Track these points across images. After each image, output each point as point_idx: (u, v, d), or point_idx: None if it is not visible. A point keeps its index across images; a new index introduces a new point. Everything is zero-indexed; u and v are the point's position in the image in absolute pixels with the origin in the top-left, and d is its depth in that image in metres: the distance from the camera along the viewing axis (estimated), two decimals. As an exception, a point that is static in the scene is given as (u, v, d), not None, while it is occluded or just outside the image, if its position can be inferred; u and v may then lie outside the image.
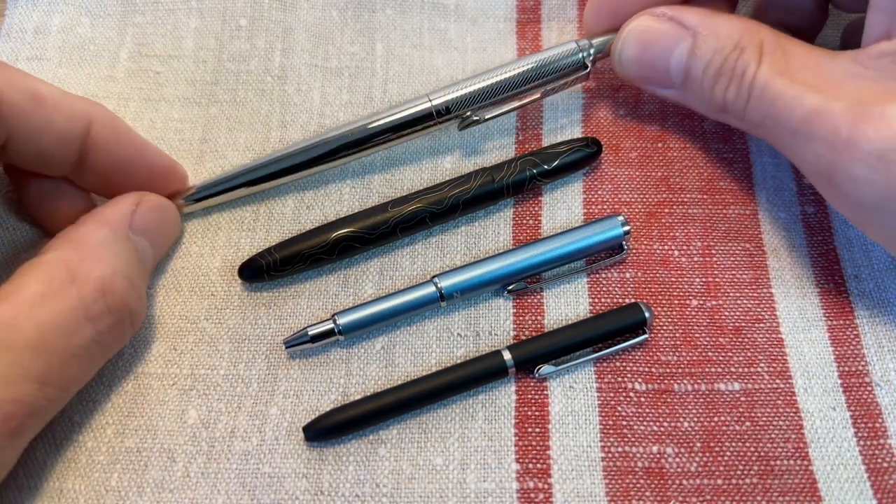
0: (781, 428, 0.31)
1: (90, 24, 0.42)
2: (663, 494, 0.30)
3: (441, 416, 0.32)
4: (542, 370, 0.32)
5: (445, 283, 0.33)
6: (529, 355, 0.32)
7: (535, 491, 0.30)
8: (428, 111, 0.37)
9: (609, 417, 0.32)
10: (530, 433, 0.31)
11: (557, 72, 0.38)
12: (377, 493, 0.30)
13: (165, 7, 0.42)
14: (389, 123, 0.36)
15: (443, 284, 0.33)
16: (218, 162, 0.38)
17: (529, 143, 0.39)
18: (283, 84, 0.40)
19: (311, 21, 0.42)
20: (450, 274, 0.34)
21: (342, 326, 0.33)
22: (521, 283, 0.34)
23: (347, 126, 0.37)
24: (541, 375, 0.32)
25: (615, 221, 0.35)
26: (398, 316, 0.33)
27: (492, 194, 0.36)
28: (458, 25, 0.42)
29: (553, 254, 0.34)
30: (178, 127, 0.39)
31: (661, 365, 0.33)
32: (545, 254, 0.34)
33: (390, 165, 0.38)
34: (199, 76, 0.40)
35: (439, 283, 0.33)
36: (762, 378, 0.32)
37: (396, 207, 0.35)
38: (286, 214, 0.37)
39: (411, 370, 0.33)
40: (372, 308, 0.33)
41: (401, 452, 0.31)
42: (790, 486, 0.30)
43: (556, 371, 0.32)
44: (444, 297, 0.33)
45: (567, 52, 0.37)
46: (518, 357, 0.32)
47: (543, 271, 0.35)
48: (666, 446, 0.31)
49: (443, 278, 0.34)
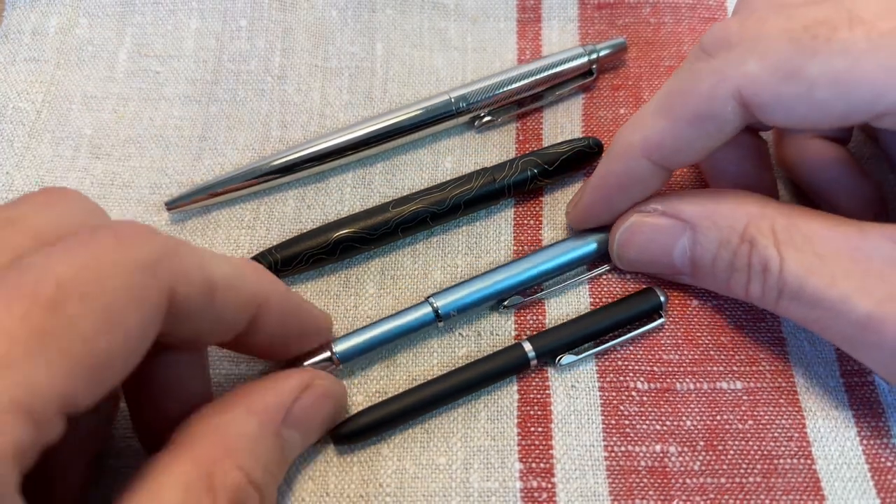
0: (784, 426, 0.31)
1: (88, 25, 0.41)
2: (667, 493, 0.30)
3: (444, 416, 0.32)
4: (564, 360, 0.32)
5: (441, 303, 0.33)
6: (550, 346, 0.32)
7: (538, 490, 0.30)
8: (446, 106, 0.38)
9: (611, 416, 0.32)
10: (533, 433, 0.31)
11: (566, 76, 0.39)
12: (381, 493, 0.30)
13: (166, 8, 0.42)
14: (411, 119, 0.38)
15: (439, 304, 0.33)
16: (217, 160, 0.38)
17: (530, 143, 0.39)
18: (283, 84, 0.40)
19: (311, 21, 0.42)
20: (445, 293, 0.33)
21: (339, 354, 0.32)
22: (518, 298, 0.34)
23: (365, 122, 0.38)
24: (562, 365, 0.32)
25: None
26: (396, 338, 0.33)
27: (493, 194, 0.36)
28: (458, 25, 0.42)
29: (551, 264, 0.34)
30: (178, 124, 0.39)
31: (664, 364, 0.33)
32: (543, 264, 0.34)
33: (391, 165, 0.38)
34: (200, 76, 0.40)
35: (435, 304, 0.33)
36: (764, 377, 0.32)
37: (398, 207, 0.35)
38: (287, 213, 0.37)
39: (413, 370, 0.33)
40: (368, 333, 0.32)
41: (404, 452, 0.31)
42: (793, 484, 0.30)
43: (577, 360, 0.32)
44: (441, 318, 0.33)
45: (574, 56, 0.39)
46: (539, 348, 0.32)
47: (542, 282, 0.34)
48: (669, 445, 0.31)
49: (438, 298, 0.33)
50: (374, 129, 0.37)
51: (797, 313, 0.29)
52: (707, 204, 0.31)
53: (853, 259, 0.27)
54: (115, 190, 0.37)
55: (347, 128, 0.38)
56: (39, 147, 0.38)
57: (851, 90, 0.26)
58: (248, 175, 0.36)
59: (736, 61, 0.28)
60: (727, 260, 0.30)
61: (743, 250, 0.29)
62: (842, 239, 0.28)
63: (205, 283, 0.24)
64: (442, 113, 0.38)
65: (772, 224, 0.29)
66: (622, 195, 0.33)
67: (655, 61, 0.41)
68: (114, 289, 0.21)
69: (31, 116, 0.39)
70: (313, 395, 0.28)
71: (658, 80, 0.41)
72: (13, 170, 0.37)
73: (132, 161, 0.38)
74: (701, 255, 0.31)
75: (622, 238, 0.33)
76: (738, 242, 0.29)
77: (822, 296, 0.27)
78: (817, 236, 0.28)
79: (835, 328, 0.28)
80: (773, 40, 0.27)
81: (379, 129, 0.37)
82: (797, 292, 0.28)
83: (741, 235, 0.29)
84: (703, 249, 0.31)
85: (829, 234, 0.28)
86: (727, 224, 0.30)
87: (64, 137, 0.39)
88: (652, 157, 0.31)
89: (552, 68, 0.39)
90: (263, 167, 0.36)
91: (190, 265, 0.24)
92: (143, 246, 0.22)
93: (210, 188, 0.36)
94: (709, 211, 0.31)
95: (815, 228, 0.28)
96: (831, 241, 0.28)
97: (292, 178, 0.37)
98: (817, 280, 0.27)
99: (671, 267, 0.32)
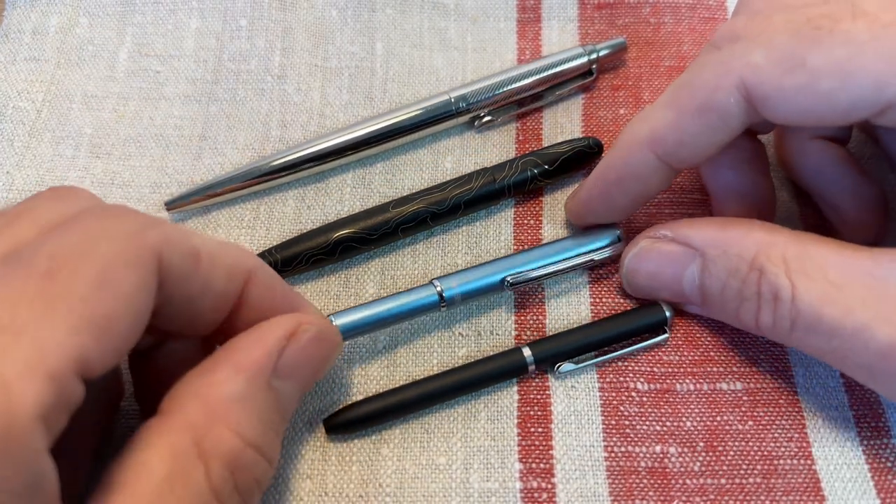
0: (784, 427, 0.31)
1: (89, 25, 0.41)
2: (667, 494, 0.30)
3: (444, 416, 0.32)
4: (563, 368, 0.32)
5: (446, 286, 0.33)
6: (550, 353, 0.32)
7: (538, 491, 0.30)
8: (446, 106, 0.38)
9: (612, 417, 0.32)
10: (533, 433, 0.31)
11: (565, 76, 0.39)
12: (380, 493, 0.30)
13: (166, 7, 0.42)
14: (411, 119, 0.38)
15: (443, 287, 0.33)
16: (217, 160, 0.38)
17: (530, 143, 0.39)
18: (283, 83, 0.40)
19: (311, 21, 0.42)
20: (451, 276, 0.33)
21: (340, 328, 0.31)
22: (522, 275, 0.33)
23: (365, 122, 0.38)
24: (560, 374, 0.32)
25: (614, 233, 0.35)
26: (397, 319, 0.32)
27: (493, 194, 0.36)
28: (458, 25, 0.42)
29: (557, 257, 0.34)
30: (178, 123, 0.39)
31: (663, 364, 0.33)
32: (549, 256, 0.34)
33: (391, 166, 0.38)
34: (200, 75, 0.40)
35: (439, 286, 0.33)
36: (764, 377, 0.32)
37: (398, 208, 0.35)
38: (287, 213, 0.37)
39: (413, 370, 0.33)
40: (370, 310, 0.32)
41: (404, 452, 0.31)
42: (793, 485, 0.30)
43: (576, 370, 0.32)
44: (445, 301, 0.33)
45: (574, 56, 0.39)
46: (538, 355, 0.32)
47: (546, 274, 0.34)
48: (669, 446, 0.31)
49: (443, 280, 0.33)
50: (373, 129, 0.37)
51: (812, 344, 0.28)
52: (716, 231, 0.31)
53: (868, 286, 0.26)
54: (116, 189, 0.37)
55: (347, 128, 0.38)
56: (40, 146, 0.38)
57: (854, 80, 0.26)
58: (248, 175, 0.36)
59: (741, 52, 0.28)
60: (736, 288, 0.29)
61: (752, 278, 0.29)
62: (854, 266, 0.27)
63: (190, 250, 0.25)
64: (442, 113, 0.38)
65: (782, 252, 0.28)
66: (623, 189, 0.32)
67: (655, 61, 0.41)
68: (104, 253, 0.22)
69: (32, 116, 0.39)
70: (302, 341, 0.27)
71: (658, 80, 0.41)
72: (13, 169, 0.37)
73: (132, 160, 0.38)
74: (710, 284, 0.30)
75: (631, 265, 0.33)
76: (748, 270, 0.29)
77: (838, 325, 0.26)
78: (829, 264, 0.27)
79: (853, 359, 0.27)
80: (778, 33, 0.27)
81: (379, 129, 0.37)
82: (812, 323, 0.27)
83: (750, 263, 0.29)
84: (712, 278, 0.30)
85: (841, 262, 0.27)
86: (736, 252, 0.29)
87: (64, 137, 0.39)
88: (657, 151, 0.30)
89: (552, 68, 0.39)
90: (263, 167, 0.36)
91: (174, 234, 0.24)
92: (130, 218, 0.24)
93: (210, 188, 0.36)
94: (718, 238, 0.30)
95: (826, 255, 0.28)
96: (844, 268, 0.27)
97: (292, 178, 0.37)
98: (832, 309, 0.27)
99: (681, 295, 0.32)
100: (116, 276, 0.22)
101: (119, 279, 0.22)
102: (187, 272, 0.24)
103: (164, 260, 0.23)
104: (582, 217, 0.35)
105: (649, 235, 0.32)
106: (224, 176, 0.36)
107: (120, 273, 0.22)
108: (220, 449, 0.24)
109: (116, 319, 0.22)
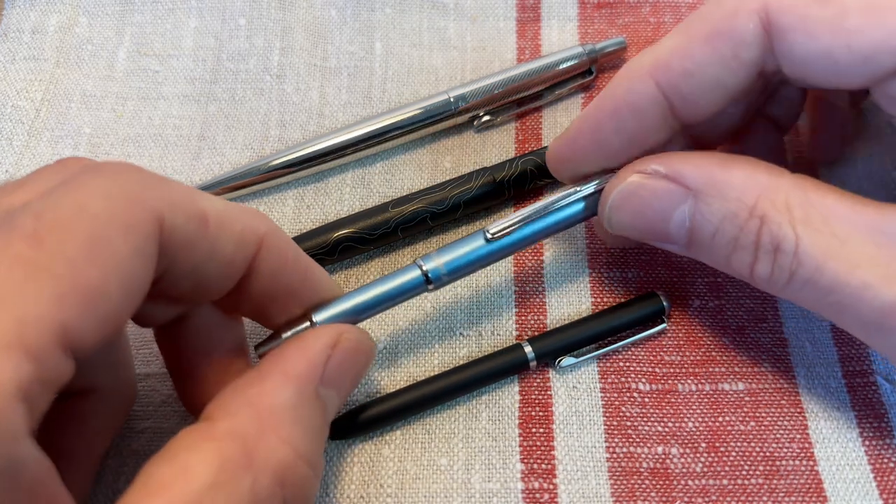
0: (786, 428, 0.31)
1: (88, 24, 0.41)
2: (668, 495, 0.30)
3: (445, 417, 0.31)
4: (564, 362, 0.32)
5: (430, 266, 0.29)
6: (550, 348, 0.32)
7: (540, 491, 0.30)
8: (445, 105, 0.38)
9: (613, 418, 0.31)
10: (534, 434, 0.31)
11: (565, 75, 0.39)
12: (382, 494, 0.30)
13: (165, 7, 0.42)
14: (410, 119, 0.38)
15: (428, 267, 0.29)
16: (215, 159, 0.38)
17: (529, 142, 0.39)
18: (282, 83, 0.40)
19: (310, 20, 0.42)
20: (434, 254, 0.30)
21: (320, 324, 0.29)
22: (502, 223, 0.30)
23: (364, 121, 0.37)
24: (562, 367, 0.32)
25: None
26: (384, 305, 0.30)
27: (493, 194, 0.36)
28: (457, 24, 0.42)
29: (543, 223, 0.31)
30: (177, 123, 0.39)
31: (665, 365, 0.33)
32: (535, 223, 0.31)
33: (391, 165, 0.38)
34: (199, 75, 0.40)
35: (424, 266, 0.29)
36: (766, 378, 0.32)
37: (397, 207, 0.35)
38: (286, 213, 0.37)
39: (414, 370, 0.33)
40: (352, 300, 0.29)
41: (405, 453, 0.31)
42: (796, 486, 0.30)
43: (577, 363, 0.32)
44: (431, 281, 0.30)
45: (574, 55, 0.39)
46: (539, 350, 0.32)
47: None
48: (671, 447, 0.31)
49: (427, 260, 0.30)
50: (373, 128, 0.37)
51: (807, 297, 0.26)
52: (714, 169, 0.27)
53: (875, 243, 0.25)
54: (114, 189, 0.37)
55: (346, 127, 0.37)
56: (38, 145, 0.38)
57: (885, 19, 0.24)
58: (246, 174, 0.36)
59: None
60: (730, 235, 0.27)
61: (751, 226, 0.26)
62: (861, 219, 0.25)
63: (196, 213, 0.23)
64: (441, 112, 0.38)
65: (786, 198, 0.26)
66: (616, 125, 0.29)
67: (656, 61, 0.41)
68: (96, 216, 0.20)
69: (31, 115, 0.39)
70: (344, 351, 0.27)
71: (659, 79, 0.41)
72: (12, 168, 0.37)
73: (131, 160, 0.38)
74: (701, 228, 0.28)
75: (616, 200, 0.29)
76: (747, 217, 0.26)
77: (842, 282, 0.25)
78: (834, 216, 0.25)
79: (851, 314, 0.26)
80: None
81: (378, 128, 0.37)
82: (812, 277, 0.25)
83: (750, 209, 0.26)
84: (704, 221, 0.27)
85: (847, 214, 0.25)
86: (735, 195, 0.27)
87: (63, 136, 0.38)
88: (659, 79, 0.28)
89: (552, 68, 0.39)
90: (262, 167, 0.36)
91: (179, 195, 0.23)
92: (127, 177, 0.22)
93: (209, 188, 0.36)
94: (715, 178, 0.27)
95: (831, 206, 0.25)
96: (850, 221, 0.25)
97: (291, 178, 0.37)
98: (836, 265, 0.25)
99: (665, 236, 0.29)
100: (109, 240, 0.20)
101: (112, 243, 0.20)
102: (193, 237, 0.23)
103: (166, 223, 0.22)
104: (565, 160, 0.31)
105: (638, 170, 0.29)
106: (223, 176, 0.36)
107: (113, 237, 0.20)
108: (272, 460, 0.23)
109: (107, 288, 0.20)
